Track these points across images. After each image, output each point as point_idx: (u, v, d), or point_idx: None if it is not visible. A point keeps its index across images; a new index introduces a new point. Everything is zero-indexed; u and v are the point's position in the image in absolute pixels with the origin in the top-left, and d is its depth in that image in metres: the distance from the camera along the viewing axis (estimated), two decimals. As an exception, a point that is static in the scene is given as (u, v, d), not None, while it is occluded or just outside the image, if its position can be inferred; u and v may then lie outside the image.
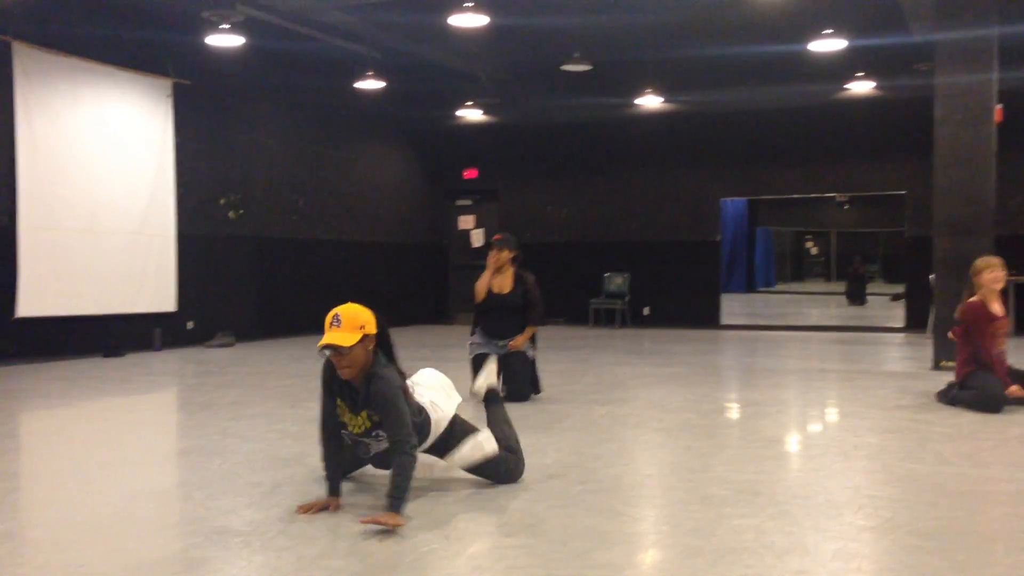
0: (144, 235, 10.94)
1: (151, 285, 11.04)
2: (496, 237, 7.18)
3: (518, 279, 6.91)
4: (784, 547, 3.25)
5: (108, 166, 10.53)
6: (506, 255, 6.89)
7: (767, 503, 3.85)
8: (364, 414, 3.84)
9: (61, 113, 10.02)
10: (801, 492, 4.06)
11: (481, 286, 6.99)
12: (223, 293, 12.17)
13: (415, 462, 3.67)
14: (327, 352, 3.75)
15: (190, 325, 11.63)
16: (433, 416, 4.09)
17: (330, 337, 3.69)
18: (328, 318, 3.74)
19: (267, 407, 6.72)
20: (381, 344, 3.89)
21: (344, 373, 3.76)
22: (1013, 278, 11.72)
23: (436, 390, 4.25)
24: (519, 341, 6.81)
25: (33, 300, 9.70)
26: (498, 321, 6.92)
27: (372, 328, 3.81)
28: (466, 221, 16.22)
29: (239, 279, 12.47)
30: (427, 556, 3.19)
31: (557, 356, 10.09)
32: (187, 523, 3.74)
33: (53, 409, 6.91)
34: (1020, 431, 5.56)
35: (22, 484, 4.63)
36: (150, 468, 4.87)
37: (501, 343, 6.87)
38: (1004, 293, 7.02)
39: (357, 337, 3.71)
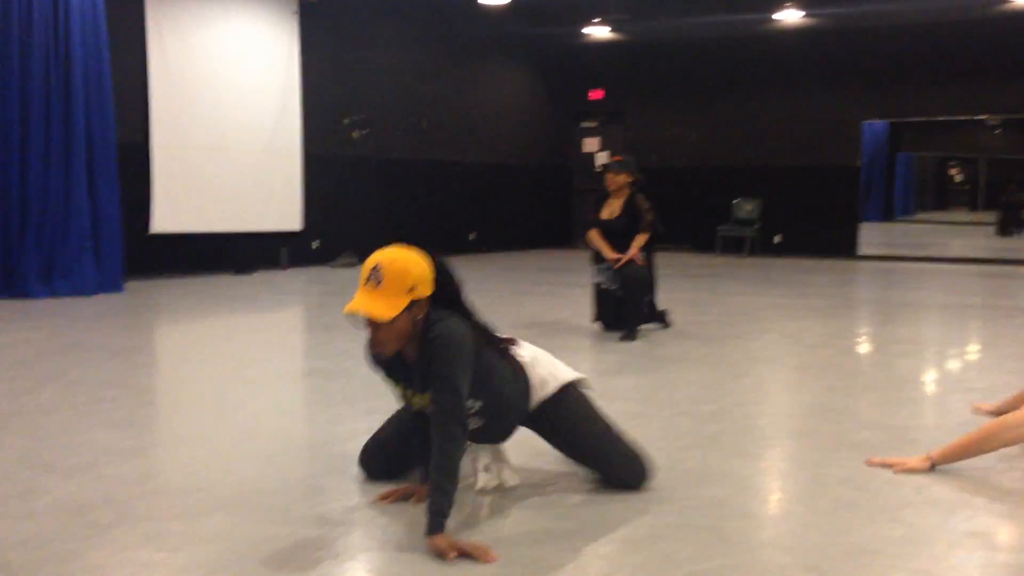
0: (271, 153, 11.00)
1: (278, 204, 11.14)
2: (614, 159, 6.80)
3: (629, 203, 6.45)
4: (950, 503, 2.93)
5: (236, 84, 10.57)
6: (622, 179, 6.44)
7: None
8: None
9: (191, 31, 10.08)
10: (961, 441, 3.70)
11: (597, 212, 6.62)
12: (347, 213, 12.21)
13: (460, 449, 2.60)
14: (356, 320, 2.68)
15: (315, 245, 11.73)
16: (533, 376, 2.96)
17: (362, 302, 2.62)
18: (365, 269, 2.66)
19: (389, 329, 6.65)
20: (442, 299, 2.76)
21: (378, 348, 2.73)
22: None
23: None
24: (627, 255, 6.32)
25: (167, 217, 9.91)
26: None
27: (426, 288, 2.68)
28: (591, 143, 15.82)
29: (363, 200, 12.49)
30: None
31: (683, 284, 9.73)
32: (308, 448, 3.66)
33: (183, 324, 7.03)
34: None
35: (153, 399, 4.68)
36: (275, 388, 4.84)
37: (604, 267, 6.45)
38: None
39: (402, 305, 2.62)
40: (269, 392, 4.73)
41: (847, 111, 13.76)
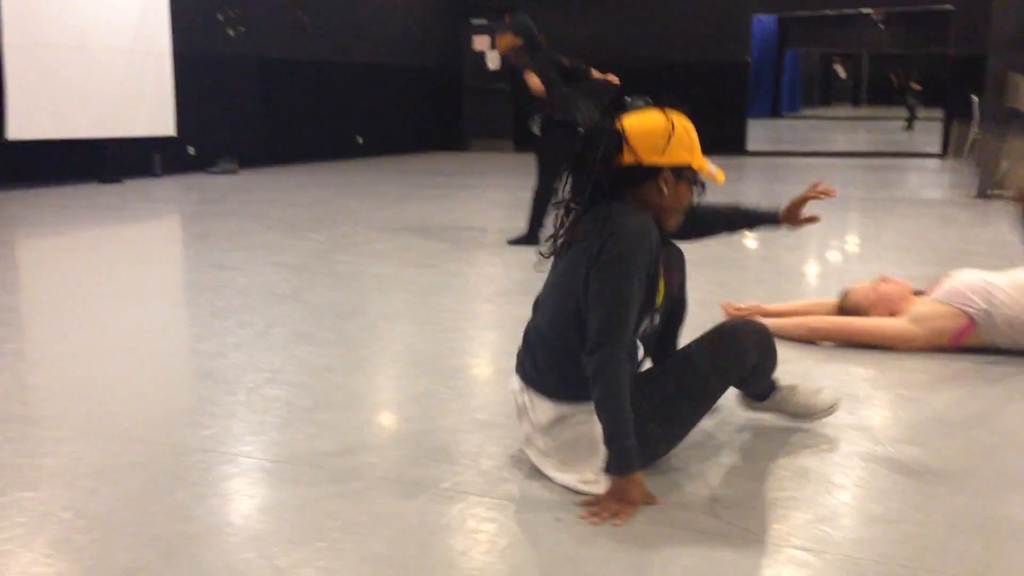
0: (138, 53, 10.26)
1: (148, 108, 10.45)
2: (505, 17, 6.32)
3: (504, 60, 6.03)
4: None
5: (94, -23, 9.76)
6: (507, 40, 5.95)
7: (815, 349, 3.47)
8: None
9: (38, -83, 9.20)
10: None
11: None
12: (225, 117, 11.60)
13: (623, 373, 2.09)
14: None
15: (191, 151, 11.13)
16: None
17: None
18: (694, 133, 2.27)
19: (267, 238, 6.33)
20: None
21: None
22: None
23: None
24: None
25: (24, 122, 9.18)
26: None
27: None
28: (481, 41, 15.36)
29: (242, 103, 11.87)
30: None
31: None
32: (171, 367, 3.40)
33: (46, 238, 6.55)
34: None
35: (10, 319, 4.30)
36: (141, 303, 4.51)
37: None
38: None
39: None
40: (136, 308, 4.40)
41: (737, 4, 13.65)
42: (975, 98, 10.73)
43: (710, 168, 2.26)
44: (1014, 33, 7.84)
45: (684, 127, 2.23)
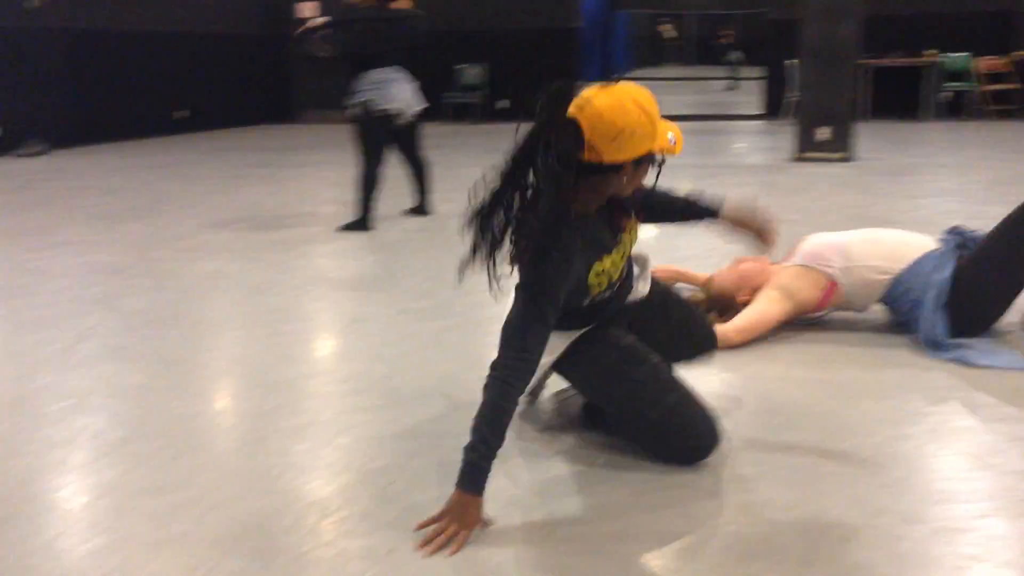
0: (-78, 30, 9.37)
1: (-61, 89, 9.58)
2: None
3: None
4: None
5: None
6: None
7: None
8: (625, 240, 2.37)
9: None
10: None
11: None
12: (32, 95, 10.76)
13: (509, 398, 2.08)
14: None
15: (-6, 133, 10.29)
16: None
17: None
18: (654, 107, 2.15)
19: (78, 232, 5.89)
20: None
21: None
22: (870, 61, 11.62)
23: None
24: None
25: None
26: None
27: None
28: (305, 8, 14.82)
29: (49, 79, 11.02)
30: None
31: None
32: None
33: None
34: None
35: None
36: (-72, 320, 4.10)
37: None
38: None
39: None
40: (-78, 326, 3.99)
41: (564, -29, 13.67)
42: (788, 62, 11.15)
43: (669, 140, 2.18)
44: (823, 1, 8.14)
45: (644, 111, 2.10)
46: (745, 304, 3.47)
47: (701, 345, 2.70)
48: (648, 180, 2.31)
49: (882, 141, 9.83)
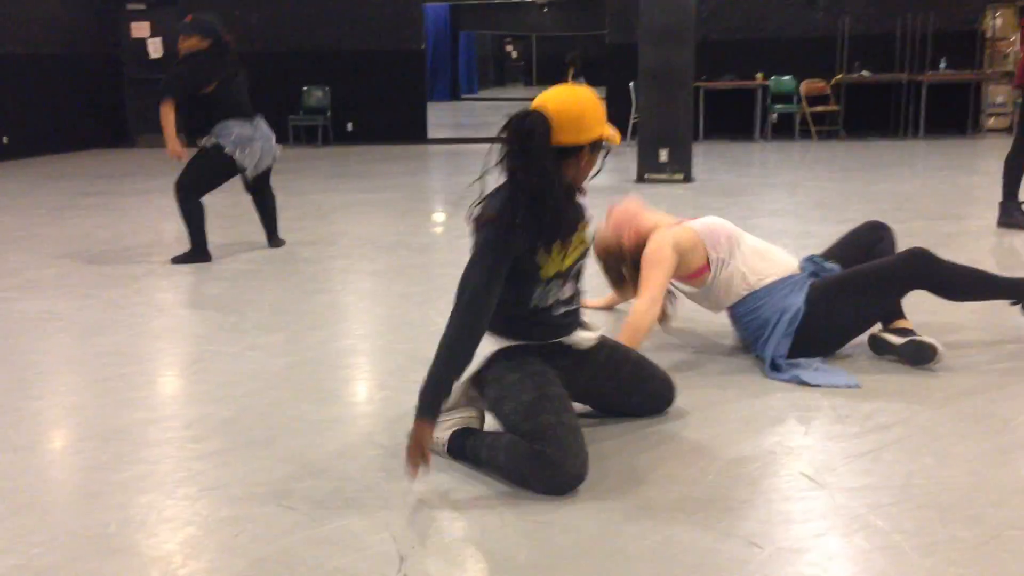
0: None
1: None
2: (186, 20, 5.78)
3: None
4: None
5: None
6: (192, 43, 5.44)
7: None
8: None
9: None
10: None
11: None
12: None
13: (471, 331, 2.41)
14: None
15: None
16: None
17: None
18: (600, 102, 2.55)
19: None
20: None
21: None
22: (704, 84, 12.13)
23: None
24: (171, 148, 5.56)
25: None
26: None
27: None
28: (140, 28, 14.28)
29: None
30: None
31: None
32: None
33: None
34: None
35: None
36: None
37: None
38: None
39: None
40: None
41: (408, -6, 13.68)
42: (632, 84, 11.51)
43: (611, 132, 2.54)
44: (661, 26, 8.44)
45: (595, 100, 2.51)
46: (634, 247, 3.39)
47: (657, 396, 2.87)
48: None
49: (717, 161, 10.27)
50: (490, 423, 2.67)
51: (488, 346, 2.60)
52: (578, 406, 2.73)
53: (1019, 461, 2.53)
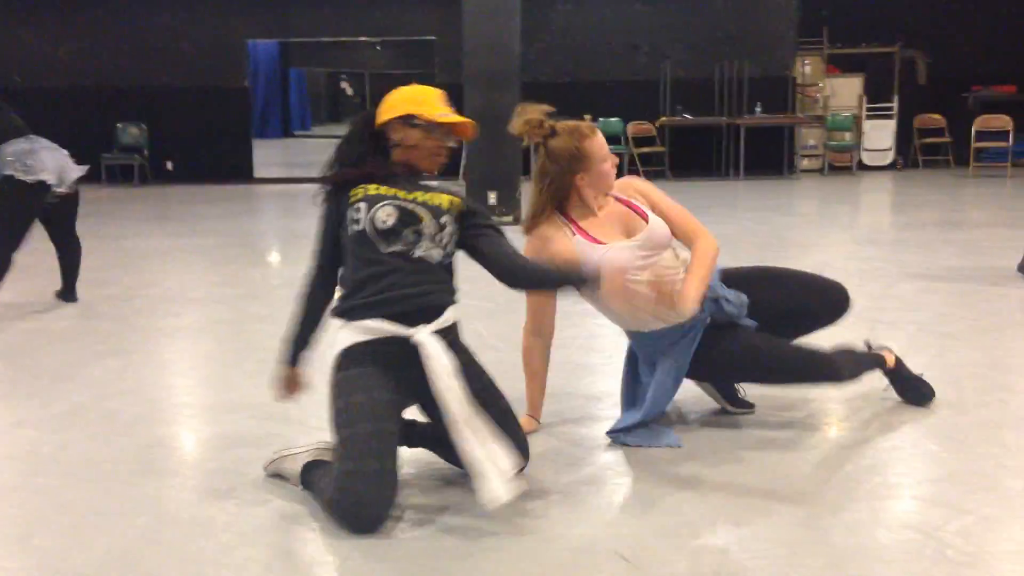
0: None
1: None
2: None
3: None
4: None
5: None
6: None
7: (302, 430, 3.21)
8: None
9: None
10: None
11: None
12: None
13: (305, 296, 2.85)
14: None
15: None
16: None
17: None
18: (441, 98, 2.85)
19: None
20: None
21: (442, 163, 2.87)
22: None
23: None
24: None
25: None
26: None
27: None
28: (-67, 59, 13.20)
29: None
30: None
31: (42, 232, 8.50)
32: None
33: None
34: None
35: None
36: None
37: None
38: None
39: None
40: None
41: (231, 29, 13.21)
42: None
43: (437, 115, 2.74)
44: (485, 69, 8.40)
45: (415, 89, 2.84)
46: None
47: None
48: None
49: (548, 202, 10.28)
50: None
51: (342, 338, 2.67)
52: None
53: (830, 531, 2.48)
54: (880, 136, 13.23)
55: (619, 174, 3.27)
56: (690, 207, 3.29)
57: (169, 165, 13.24)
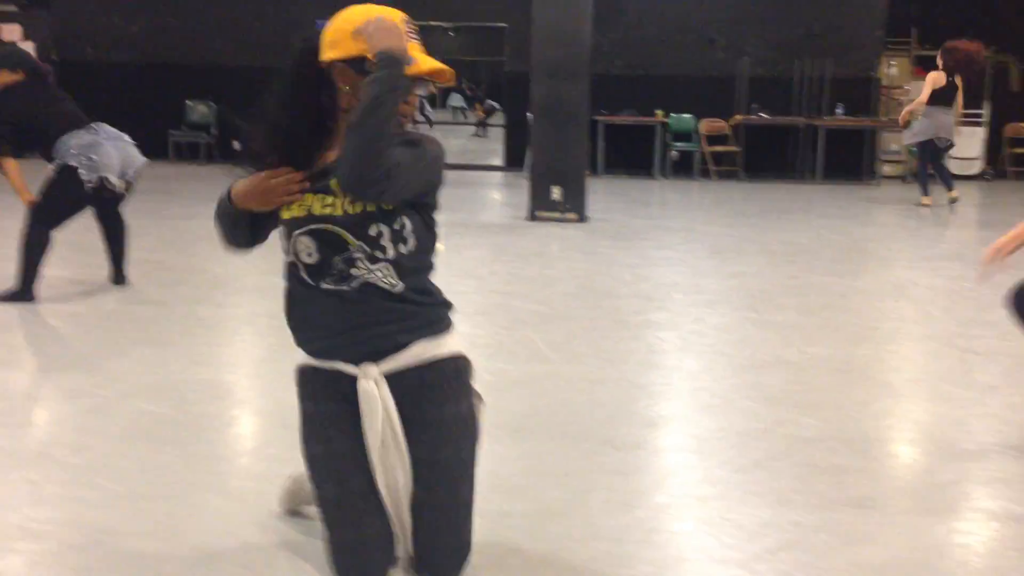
0: None
1: None
2: None
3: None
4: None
5: None
6: (2, 78, 4.91)
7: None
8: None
9: None
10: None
11: None
12: None
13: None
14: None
15: None
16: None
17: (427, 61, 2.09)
18: (400, 20, 2.12)
19: None
20: None
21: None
22: (604, 118, 11.87)
23: None
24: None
25: None
26: None
27: None
28: (10, 31, 13.38)
29: None
30: None
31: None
32: None
33: None
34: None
35: None
36: None
37: None
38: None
39: None
40: None
41: (303, 10, 13.10)
42: (529, 115, 11.15)
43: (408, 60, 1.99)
44: (554, 59, 8.10)
45: (368, 9, 2.09)
46: None
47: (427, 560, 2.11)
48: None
49: (614, 199, 9.98)
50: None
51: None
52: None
53: None
54: (968, 144, 12.60)
55: (689, 172, 2.98)
56: (763, 210, 2.98)
57: (236, 145, 13.19)
